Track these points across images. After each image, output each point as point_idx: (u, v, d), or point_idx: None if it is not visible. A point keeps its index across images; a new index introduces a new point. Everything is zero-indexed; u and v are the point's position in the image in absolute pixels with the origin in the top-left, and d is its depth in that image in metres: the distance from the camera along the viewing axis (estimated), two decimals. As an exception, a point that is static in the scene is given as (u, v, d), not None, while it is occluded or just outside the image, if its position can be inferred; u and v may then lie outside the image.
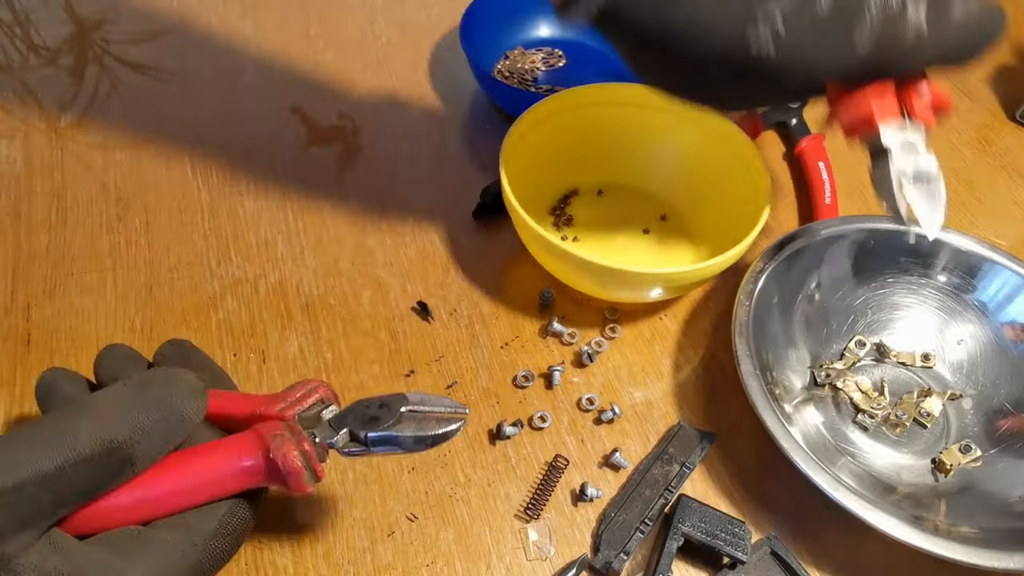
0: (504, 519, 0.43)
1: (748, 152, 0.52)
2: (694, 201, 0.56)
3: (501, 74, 0.66)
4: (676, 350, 0.51)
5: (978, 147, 0.67)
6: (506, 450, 0.46)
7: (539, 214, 0.56)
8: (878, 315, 0.52)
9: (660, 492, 0.43)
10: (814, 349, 0.50)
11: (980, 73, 0.73)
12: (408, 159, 0.61)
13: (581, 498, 0.44)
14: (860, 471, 0.44)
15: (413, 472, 0.44)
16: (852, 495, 0.39)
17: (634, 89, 0.55)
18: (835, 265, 0.51)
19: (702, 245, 0.55)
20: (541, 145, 0.54)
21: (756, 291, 0.47)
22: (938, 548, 0.38)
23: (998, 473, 0.45)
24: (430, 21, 0.73)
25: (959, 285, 0.51)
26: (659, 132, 0.56)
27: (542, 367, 0.49)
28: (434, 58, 0.69)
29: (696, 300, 0.54)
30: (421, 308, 0.51)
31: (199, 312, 0.50)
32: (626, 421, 0.47)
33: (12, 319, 0.49)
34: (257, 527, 0.42)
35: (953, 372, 0.50)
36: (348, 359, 0.49)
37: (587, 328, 0.51)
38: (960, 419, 0.48)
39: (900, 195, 0.39)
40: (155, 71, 0.66)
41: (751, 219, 0.48)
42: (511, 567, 0.41)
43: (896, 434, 0.47)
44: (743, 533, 0.41)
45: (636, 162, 0.58)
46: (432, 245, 0.55)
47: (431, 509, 0.43)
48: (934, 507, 0.43)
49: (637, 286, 0.47)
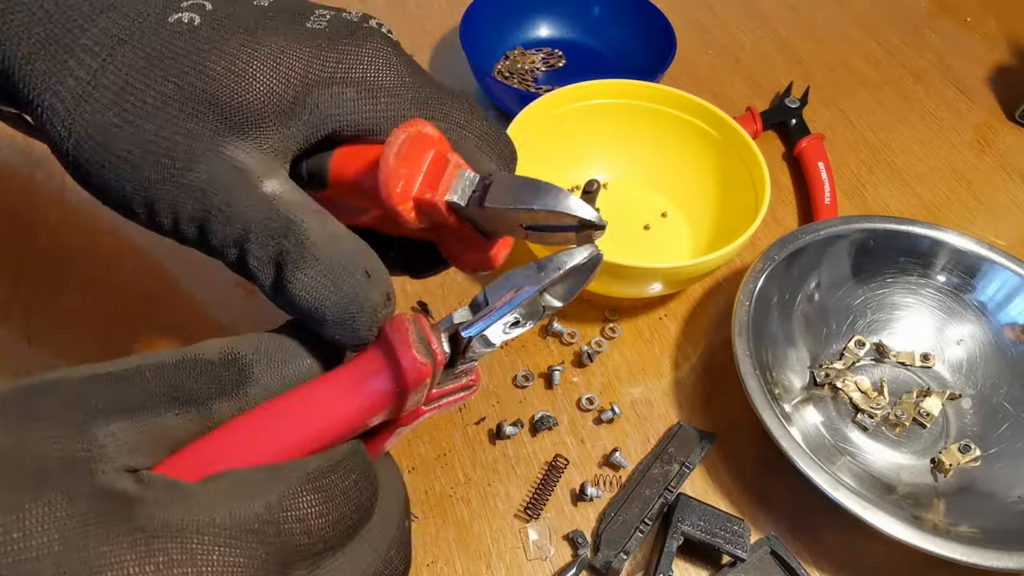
0: (504, 519, 0.43)
1: (748, 151, 0.52)
2: (694, 199, 0.56)
3: (501, 74, 0.66)
4: (676, 350, 0.51)
5: (977, 147, 0.67)
6: (506, 450, 0.46)
7: (539, 214, 0.57)
8: (877, 315, 0.52)
9: (660, 492, 0.43)
10: (814, 349, 0.50)
11: (980, 73, 0.73)
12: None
13: (581, 498, 0.44)
14: (860, 471, 0.44)
15: (413, 472, 0.44)
16: (852, 495, 0.39)
17: (634, 86, 0.55)
18: (835, 265, 0.51)
19: (702, 242, 0.55)
20: (541, 143, 0.54)
21: (756, 291, 0.47)
22: (937, 548, 0.38)
23: (997, 473, 0.45)
24: (430, 21, 0.73)
25: (958, 285, 0.51)
26: (659, 130, 0.56)
27: (542, 367, 0.49)
28: (434, 58, 0.69)
29: (696, 300, 0.54)
30: (421, 308, 0.51)
31: (202, 313, 0.50)
32: (626, 421, 0.47)
33: (13, 319, 0.49)
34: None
35: (952, 372, 0.50)
36: (348, 359, 0.49)
37: (587, 328, 0.51)
38: (959, 419, 0.48)
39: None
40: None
41: (750, 217, 0.48)
42: (511, 567, 0.41)
43: (895, 434, 0.48)
44: (743, 531, 0.41)
45: (636, 160, 0.58)
46: (432, 245, 0.55)
47: (431, 509, 0.43)
48: (933, 507, 0.43)
49: (635, 280, 0.47)
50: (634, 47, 0.66)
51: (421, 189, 0.27)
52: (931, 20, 0.79)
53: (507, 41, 0.68)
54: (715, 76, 0.70)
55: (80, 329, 0.49)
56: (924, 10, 0.80)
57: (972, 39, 0.77)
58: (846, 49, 0.75)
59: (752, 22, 0.76)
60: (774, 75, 0.71)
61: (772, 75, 0.71)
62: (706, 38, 0.74)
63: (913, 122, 0.68)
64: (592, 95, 0.55)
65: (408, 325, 0.26)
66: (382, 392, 0.25)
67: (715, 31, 0.75)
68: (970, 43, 0.76)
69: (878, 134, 0.67)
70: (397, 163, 0.26)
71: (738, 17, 0.77)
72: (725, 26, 0.76)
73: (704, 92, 0.67)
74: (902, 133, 0.67)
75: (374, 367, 0.25)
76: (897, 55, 0.75)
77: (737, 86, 0.70)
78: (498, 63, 0.67)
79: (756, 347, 0.45)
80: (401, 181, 0.26)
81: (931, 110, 0.69)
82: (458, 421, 0.46)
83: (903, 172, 0.64)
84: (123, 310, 0.50)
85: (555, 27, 0.70)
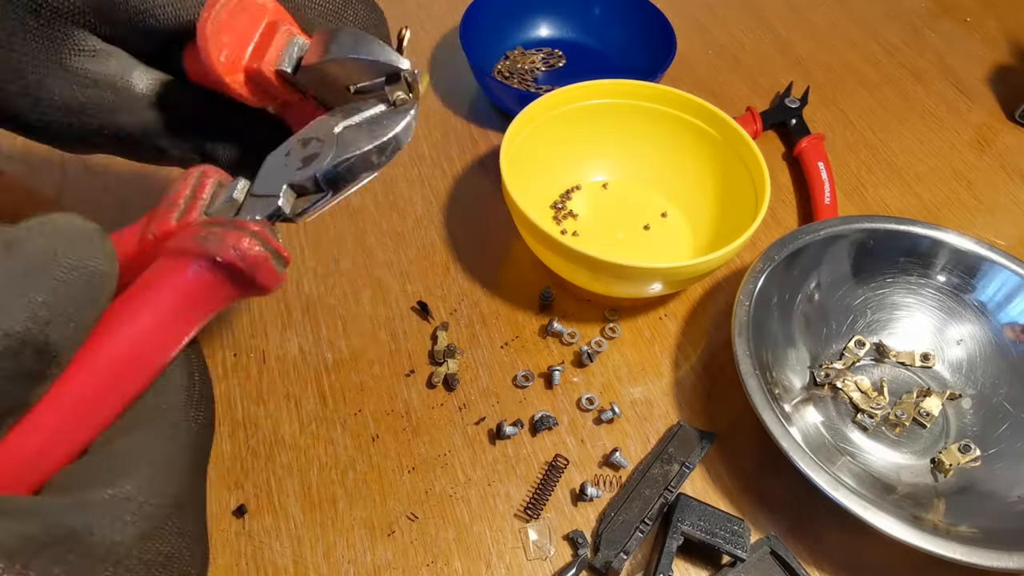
0: (504, 519, 0.43)
1: (748, 151, 0.52)
2: (694, 199, 0.57)
3: (501, 74, 0.66)
4: (676, 350, 0.51)
5: (977, 147, 0.67)
6: (506, 450, 0.46)
7: (540, 211, 0.57)
8: (877, 315, 0.52)
9: (660, 492, 0.43)
10: (814, 349, 0.50)
11: (980, 73, 0.73)
12: (408, 159, 0.61)
13: (581, 498, 0.44)
14: (859, 471, 0.44)
15: (413, 472, 0.44)
16: (852, 495, 0.39)
17: (634, 86, 0.55)
18: (835, 265, 0.51)
19: (702, 242, 0.55)
20: (541, 143, 0.54)
21: (756, 291, 0.47)
22: (937, 548, 0.38)
23: (997, 473, 0.45)
24: (430, 21, 0.73)
25: (958, 285, 0.51)
26: (659, 130, 0.56)
27: (542, 367, 0.49)
28: (434, 58, 0.69)
29: (696, 300, 0.54)
30: (421, 308, 0.51)
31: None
32: (626, 421, 0.47)
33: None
34: (257, 527, 0.42)
35: (952, 372, 0.50)
36: (348, 359, 0.49)
37: (587, 328, 0.51)
38: (959, 419, 0.48)
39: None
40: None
41: (750, 217, 0.48)
42: (511, 567, 0.41)
43: (895, 434, 0.48)
44: (742, 531, 0.41)
45: (636, 160, 0.58)
46: (432, 245, 0.55)
47: (431, 509, 0.43)
48: (933, 507, 0.43)
49: (635, 280, 0.47)
50: (634, 47, 0.66)
51: (250, 59, 0.26)
52: (931, 20, 0.79)
53: (507, 41, 0.68)
54: (715, 76, 0.70)
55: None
56: (924, 10, 0.80)
57: (972, 39, 0.77)
58: (846, 49, 0.75)
59: (752, 22, 0.76)
60: (774, 75, 0.71)
61: (772, 75, 0.71)
62: (706, 38, 0.74)
63: (913, 122, 0.68)
64: (592, 95, 0.55)
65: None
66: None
67: (715, 31, 0.75)
68: (970, 43, 0.76)
69: (878, 134, 0.67)
70: (216, 30, 0.25)
71: (738, 17, 0.77)
72: (725, 26, 0.76)
73: (704, 92, 0.67)
74: (902, 133, 0.67)
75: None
76: (897, 55, 0.75)
77: (737, 86, 0.70)
78: (498, 63, 0.67)
79: (756, 347, 0.45)
80: (225, 50, 0.25)
81: (931, 110, 0.69)
82: (458, 421, 0.46)
83: (903, 172, 0.64)
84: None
85: (555, 27, 0.70)
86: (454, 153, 0.61)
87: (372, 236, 0.55)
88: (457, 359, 0.49)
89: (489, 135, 0.63)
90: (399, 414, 0.47)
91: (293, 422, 0.46)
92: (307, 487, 0.43)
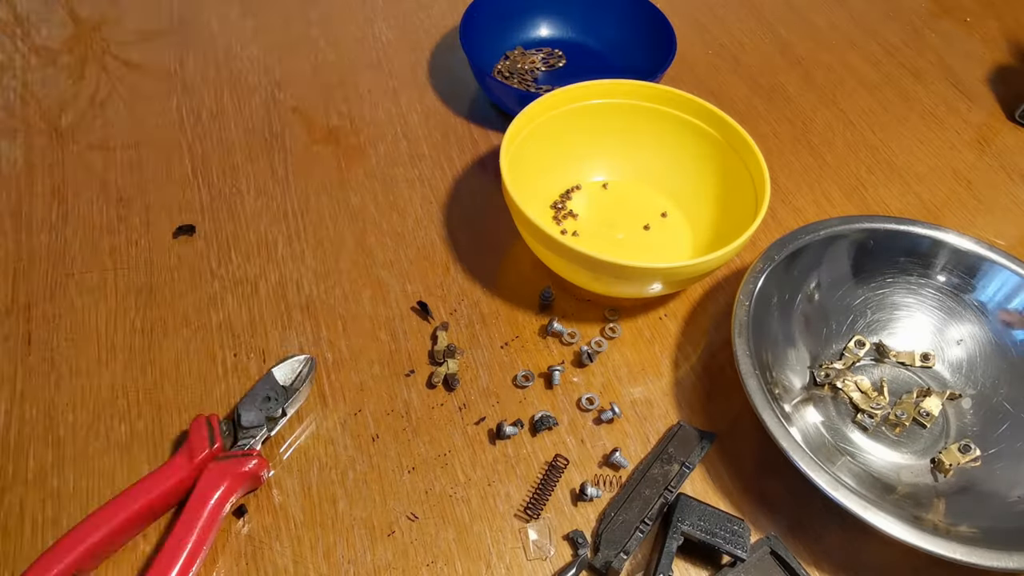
0: (504, 519, 0.43)
1: (748, 151, 0.52)
2: (694, 199, 0.56)
3: (501, 74, 0.66)
4: (676, 350, 0.51)
5: (977, 147, 0.67)
6: (506, 450, 0.46)
7: (540, 211, 0.57)
8: (877, 315, 0.52)
9: (660, 492, 0.43)
10: (813, 349, 0.50)
11: (980, 73, 0.73)
12: (408, 159, 0.61)
13: (581, 498, 0.44)
14: (860, 471, 0.44)
15: (413, 472, 0.44)
16: (852, 495, 0.39)
17: (634, 86, 0.55)
18: (835, 265, 0.51)
19: (702, 242, 0.55)
20: (541, 143, 0.54)
21: (756, 291, 0.47)
22: (937, 547, 0.38)
23: (997, 473, 0.45)
24: (430, 21, 0.73)
25: (958, 285, 0.51)
26: (659, 130, 0.56)
27: (542, 367, 0.49)
28: (434, 58, 0.69)
29: (696, 300, 0.54)
30: (421, 308, 0.51)
31: (199, 312, 0.50)
32: (626, 421, 0.47)
33: (13, 318, 0.49)
34: (257, 527, 0.42)
35: (952, 372, 0.50)
36: (348, 359, 0.49)
37: (587, 328, 0.51)
38: (959, 419, 0.48)
39: None
40: (155, 71, 0.66)
41: (750, 217, 0.48)
42: (511, 567, 0.41)
43: (895, 434, 0.48)
44: (742, 531, 0.41)
45: (636, 160, 0.58)
46: (432, 245, 0.55)
47: (431, 509, 0.43)
48: (933, 507, 0.43)
49: (635, 280, 0.47)
50: (634, 47, 0.66)
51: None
52: (931, 20, 0.79)
53: (507, 41, 0.68)
54: (715, 76, 0.70)
55: (80, 329, 0.49)
56: (924, 10, 0.80)
57: (972, 39, 0.77)
58: (846, 49, 0.75)
59: (752, 22, 0.76)
60: (774, 75, 0.71)
61: (772, 75, 0.71)
62: (706, 38, 0.74)
63: (913, 122, 0.68)
64: (592, 95, 0.55)
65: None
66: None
67: (715, 31, 0.75)
68: (970, 43, 0.77)
69: (878, 134, 0.67)
70: None
71: (738, 17, 0.77)
72: (725, 26, 0.76)
73: (704, 92, 0.67)
74: (902, 133, 0.67)
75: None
76: (897, 55, 0.75)
77: (737, 86, 0.70)
78: (498, 63, 0.67)
79: (756, 347, 0.45)
80: None
81: (931, 110, 0.69)
82: (458, 421, 0.46)
83: (903, 172, 0.64)
84: (124, 310, 0.50)
85: (555, 27, 0.70)
86: (454, 153, 0.61)
87: (372, 236, 0.55)
88: (457, 359, 0.49)
89: (489, 135, 0.63)
90: (399, 414, 0.47)
91: (293, 422, 0.46)
92: (307, 487, 0.43)
